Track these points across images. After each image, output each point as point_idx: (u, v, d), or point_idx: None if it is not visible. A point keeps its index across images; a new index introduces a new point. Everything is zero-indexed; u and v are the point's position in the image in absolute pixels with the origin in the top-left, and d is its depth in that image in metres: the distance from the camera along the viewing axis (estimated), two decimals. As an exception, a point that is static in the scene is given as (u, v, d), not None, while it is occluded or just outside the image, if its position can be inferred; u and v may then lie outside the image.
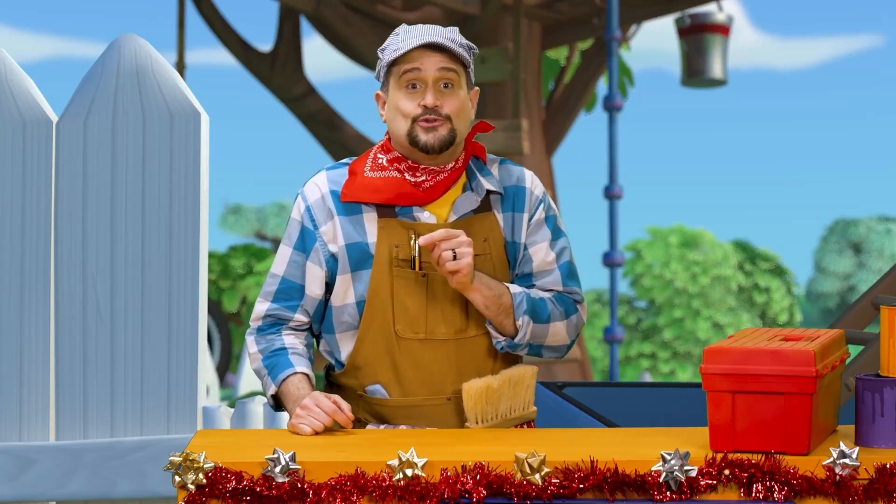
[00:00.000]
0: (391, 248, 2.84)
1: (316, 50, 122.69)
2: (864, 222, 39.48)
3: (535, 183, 2.98)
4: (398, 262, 2.84)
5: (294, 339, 2.93)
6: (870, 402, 2.58)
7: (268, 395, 2.91)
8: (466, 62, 2.88)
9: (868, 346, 3.69)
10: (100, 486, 3.30)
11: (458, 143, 2.87)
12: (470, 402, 2.84)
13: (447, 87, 2.84)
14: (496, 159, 2.99)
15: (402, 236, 2.84)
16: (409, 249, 2.84)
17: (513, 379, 2.90)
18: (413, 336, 2.84)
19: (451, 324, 2.85)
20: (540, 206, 2.96)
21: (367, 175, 2.88)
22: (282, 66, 11.00)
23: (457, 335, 2.86)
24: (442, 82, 2.84)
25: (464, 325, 2.86)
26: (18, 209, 3.36)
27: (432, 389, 2.86)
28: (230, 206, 37.00)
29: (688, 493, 2.44)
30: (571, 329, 2.95)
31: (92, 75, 3.36)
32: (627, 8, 11.04)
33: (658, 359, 27.17)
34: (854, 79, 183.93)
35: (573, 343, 2.99)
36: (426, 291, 2.85)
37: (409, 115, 2.82)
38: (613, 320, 9.30)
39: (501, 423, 2.89)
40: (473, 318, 2.87)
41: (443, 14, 10.83)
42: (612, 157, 9.49)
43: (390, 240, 2.84)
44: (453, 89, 2.85)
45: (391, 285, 2.84)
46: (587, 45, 11.82)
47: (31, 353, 3.35)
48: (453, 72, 2.84)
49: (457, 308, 2.86)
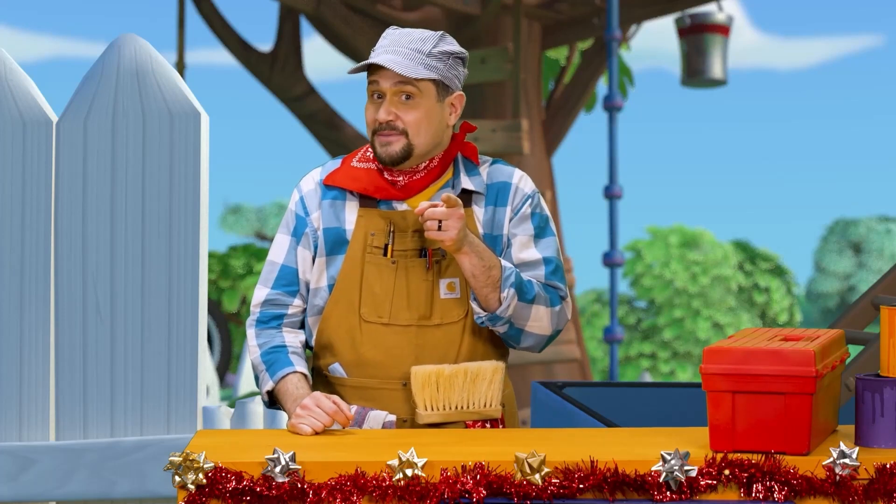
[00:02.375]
0: (367, 235, 2.94)
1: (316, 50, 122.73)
2: (864, 222, 39.48)
3: (525, 182, 3.02)
4: (371, 248, 2.93)
5: (294, 337, 3.00)
6: (870, 402, 2.59)
7: (263, 391, 2.96)
8: (435, 75, 2.91)
9: (868, 346, 3.69)
10: (100, 486, 3.30)
11: (418, 154, 2.93)
12: (417, 384, 2.86)
13: (407, 98, 2.90)
14: (489, 160, 3.04)
15: (380, 225, 2.94)
16: (385, 237, 2.93)
17: (471, 372, 2.90)
18: (377, 320, 2.92)
19: (414, 310, 2.91)
20: (527, 201, 3.00)
21: (353, 164, 3.00)
22: (282, 66, 11.00)
23: (419, 321, 2.91)
24: (401, 94, 2.90)
25: (427, 312, 2.92)
26: (18, 209, 3.36)
27: (389, 374, 2.92)
28: (230, 206, 37.00)
29: (688, 493, 2.44)
30: (554, 319, 2.96)
31: (92, 75, 3.36)
32: (627, 8, 11.04)
33: (658, 359, 27.17)
34: (854, 79, 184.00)
35: (553, 338, 2.98)
36: (394, 278, 2.92)
37: (370, 127, 2.93)
38: (613, 320, 9.29)
39: (456, 416, 2.90)
40: (439, 308, 2.93)
41: (443, 14, 10.83)
42: (612, 157, 9.49)
43: (367, 227, 2.94)
44: (413, 101, 2.90)
45: (361, 270, 2.93)
46: (587, 45, 11.82)
47: (31, 353, 3.35)
48: (411, 85, 2.89)
49: (422, 296, 2.92)
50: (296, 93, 11.06)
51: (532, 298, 2.92)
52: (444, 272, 2.94)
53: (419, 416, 2.87)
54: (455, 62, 2.95)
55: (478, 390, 2.90)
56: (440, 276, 2.93)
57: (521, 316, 2.91)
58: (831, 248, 39.94)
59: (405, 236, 2.93)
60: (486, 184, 2.99)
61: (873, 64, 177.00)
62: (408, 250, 2.93)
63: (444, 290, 2.94)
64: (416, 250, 2.93)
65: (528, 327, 2.94)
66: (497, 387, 2.91)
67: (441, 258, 2.94)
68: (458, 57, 2.95)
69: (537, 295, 2.93)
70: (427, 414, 2.87)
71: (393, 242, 2.92)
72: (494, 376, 2.90)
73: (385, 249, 2.92)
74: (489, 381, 2.90)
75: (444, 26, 10.84)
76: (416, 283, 2.92)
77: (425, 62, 2.90)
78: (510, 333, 2.94)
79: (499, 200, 2.99)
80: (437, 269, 2.94)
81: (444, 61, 2.93)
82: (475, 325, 2.94)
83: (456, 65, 2.95)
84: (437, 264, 2.94)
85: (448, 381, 2.87)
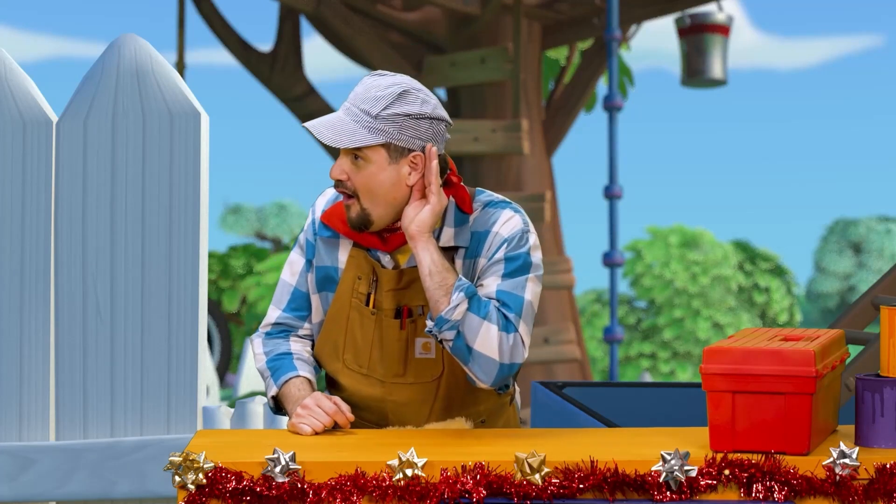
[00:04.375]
0: (355, 279, 2.91)
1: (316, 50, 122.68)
2: (864, 222, 39.48)
3: (508, 225, 2.85)
4: (357, 293, 2.91)
5: (300, 346, 3.00)
6: (870, 402, 2.59)
7: (268, 397, 2.97)
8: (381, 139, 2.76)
9: (868, 346, 3.69)
10: (100, 486, 3.30)
11: (377, 221, 2.81)
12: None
13: (357, 159, 2.79)
14: (484, 202, 2.90)
15: (366, 270, 2.90)
16: (369, 285, 2.90)
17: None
18: (357, 369, 2.93)
19: (388, 368, 2.90)
20: (502, 246, 2.84)
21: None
22: (282, 66, 11.00)
23: (393, 378, 2.91)
24: (351, 154, 2.80)
25: (401, 370, 2.90)
26: (18, 209, 3.36)
27: (368, 418, 2.97)
28: (230, 206, 36.99)
29: (688, 493, 2.44)
30: (505, 347, 2.75)
31: (92, 75, 3.36)
32: (627, 8, 11.04)
33: (658, 359, 27.18)
34: (854, 79, 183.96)
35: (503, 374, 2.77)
36: (374, 330, 2.91)
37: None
38: (613, 320, 9.30)
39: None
40: (413, 367, 2.90)
41: (443, 14, 10.83)
42: (612, 157, 9.49)
43: (356, 270, 2.91)
44: (360, 163, 2.78)
45: (347, 315, 2.92)
46: (587, 45, 11.82)
47: (31, 353, 3.35)
48: (356, 149, 2.77)
49: (395, 354, 2.90)
50: (296, 93, 11.07)
51: (485, 315, 2.76)
52: (420, 332, 2.89)
53: None
54: (415, 122, 2.77)
55: None
56: (416, 335, 2.89)
57: (470, 328, 2.74)
58: (831, 248, 39.95)
59: (383, 292, 2.88)
60: (472, 231, 2.87)
61: (873, 64, 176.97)
62: (384, 309, 2.89)
63: (419, 350, 2.90)
64: (392, 310, 2.88)
65: (478, 346, 2.74)
66: None
67: (418, 316, 2.88)
68: (418, 117, 2.77)
69: (490, 314, 2.75)
70: None
71: (376, 292, 2.89)
72: None
73: (367, 298, 2.90)
74: None
75: (444, 26, 10.84)
76: (390, 342, 2.90)
77: (371, 125, 2.75)
78: (458, 346, 2.75)
79: (478, 251, 2.86)
80: (412, 328, 2.88)
81: (395, 123, 2.75)
82: (450, 385, 2.90)
83: (416, 125, 2.77)
84: (413, 324, 2.88)
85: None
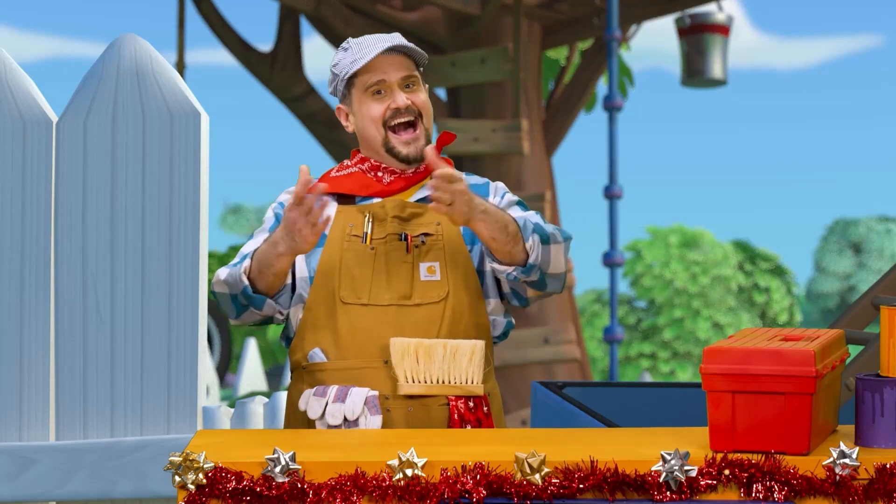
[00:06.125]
0: (345, 226, 2.99)
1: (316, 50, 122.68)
2: (864, 222, 39.48)
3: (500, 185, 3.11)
4: (349, 236, 2.98)
5: None
6: (870, 402, 2.59)
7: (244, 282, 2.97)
8: (422, 63, 3.05)
9: (868, 346, 3.69)
10: (100, 486, 3.30)
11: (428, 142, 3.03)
12: (396, 355, 2.88)
13: (409, 87, 3.02)
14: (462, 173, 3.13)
15: (358, 219, 2.99)
16: (362, 227, 2.98)
17: (451, 346, 2.91)
18: (356, 301, 2.95)
19: (395, 291, 2.94)
20: (506, 195, 3.09)
21: (332, 175, 3.08)
22: (282, 66, 11.00)
23: (399, 301, 2.94)
24: (405, 84, 3.01)
25: (408, 292, 2.95)
26: (18, 209, 3.36)
27: (370, 353, 2.93)
28: (230, 206, 37.01)
29: (688, 493, 2.44)
30: (564, 254, 2.98)
31: (92, 75, 3.36)
32: (627, 8, 11.04)
33: (658, 359, 27.17)
34: (854, 79, 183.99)
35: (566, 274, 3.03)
36: (373, 261, 2.96)
37: (380, 121, 3.00)
38: (613, 320, 9.29)
39: (437, 390, 2.91)
40: (419, 289, 2.95)
41: (443, 14, 10.83)
42: (612, 157, 9.49)
43: (345, 221, 2.99)
44: (417, 87, 3.03)
45: (340, 257, 2.97)
46: (587, 45, 11.82)
47: (31, 353, 3.35)
48: (413, 75, 3.03)
49: (402, 277, 2.95)
50: (296, 93, 11.07)
51: (548, 239, 2.95)
52: (424, 256, 2.98)
53: (400, 387, 2.89)
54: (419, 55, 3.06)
55: (458, 365, 2.91)
56: (420, 260, 2.97)
57: (544, 259, 2.95)
58: (831, 248, 39.95)
59: (384, 223, 2.98)
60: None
61: (873, 64, 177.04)
62: (387, 235, 2.97)
63: (424, 273, 2.97)
64: (396, 234, 2.97)
65: (551, 269, 2.97)
66: (478, 364, 2.93)
67: (421, 243, 2.98)
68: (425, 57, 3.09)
69: (551, 234, 2.96)
70: (408, 385, 2.89)
71: (371, 231, 2.97)
72: (474, 354, 2.92)
73: (364, 237, 2.97)
74: (469, 358, 2.92)
75: (444, 26, 10.85)
76: (396, 265, 2.96)
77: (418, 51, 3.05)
78: (539, 283, 2.98)
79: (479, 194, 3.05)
80: (416, 252, 2.97)
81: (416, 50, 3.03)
82: (456, 307, 2.96)
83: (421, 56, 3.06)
84: (417, 248, 2.97)
85: (427, 352, 2.89)
